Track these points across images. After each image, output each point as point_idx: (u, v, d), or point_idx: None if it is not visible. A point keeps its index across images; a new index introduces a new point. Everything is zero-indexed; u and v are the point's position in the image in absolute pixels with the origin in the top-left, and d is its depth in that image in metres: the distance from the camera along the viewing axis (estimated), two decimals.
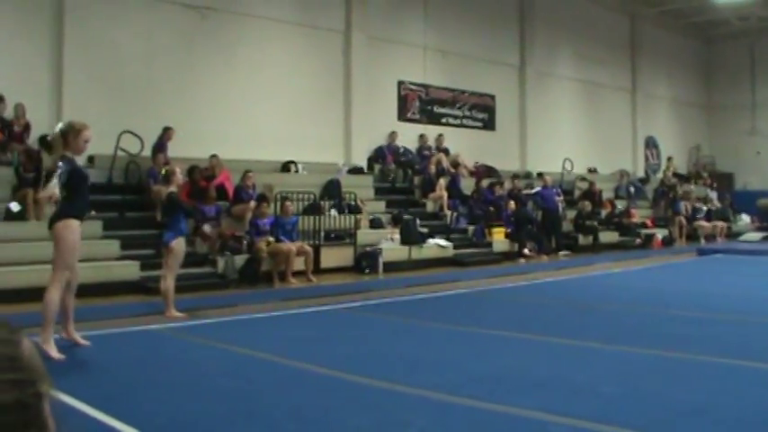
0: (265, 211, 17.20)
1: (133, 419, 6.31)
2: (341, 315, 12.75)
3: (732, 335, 10.48)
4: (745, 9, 32.99)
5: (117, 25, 18.51)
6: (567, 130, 31.07)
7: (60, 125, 9.57)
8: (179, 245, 11.96)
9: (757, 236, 30.39)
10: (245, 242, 17.10)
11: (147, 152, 17.93)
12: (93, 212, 16.18)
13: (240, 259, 16.56)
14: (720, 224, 31.56)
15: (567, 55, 31.39)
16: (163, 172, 13.65)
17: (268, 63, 21.47)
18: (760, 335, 10.50)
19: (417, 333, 11.02)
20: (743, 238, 30.55)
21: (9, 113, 16.60)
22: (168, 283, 11.97)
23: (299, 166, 21.29)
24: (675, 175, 34.55)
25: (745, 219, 34.35)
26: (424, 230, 20.85)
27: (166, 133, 18.33)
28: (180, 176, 12.77)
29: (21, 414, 1.16)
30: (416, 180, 24.08)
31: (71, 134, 9.17)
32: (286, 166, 21.20)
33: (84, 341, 9.38)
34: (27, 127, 16.68)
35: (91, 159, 17.70)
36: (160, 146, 18.15)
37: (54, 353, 8.62)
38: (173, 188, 12.31)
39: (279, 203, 17.86)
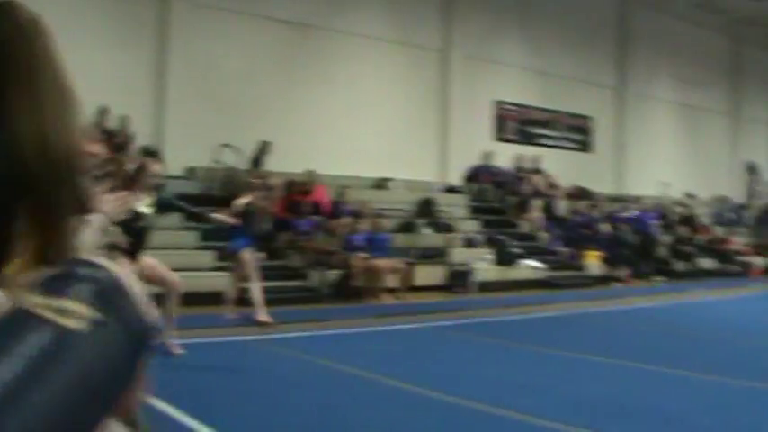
0: (360, 227, 17.30)
1: (218, 425, 6.42)
2: (432, 333, 12.75)
3: None
4: None
5: (220, 41, 18.86)
6: (664, 154, 30.61)
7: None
8: (247, 254, 12.16)
9: None
10: (338, 257, 17.22)
11: (246, 165, 18.18)
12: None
13: (333, 274, 16.68)
14: None
15: (666, 77, 30.95)
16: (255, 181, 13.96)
17: (366, 80, 21.63)
18: None
19: (509, 355, 10.97)
20: None
21: (113, 125, 16.96)
22: (255, 289, 12.17)
23: (395, 184, 21.37)
24: None
25: None
26: (518, 251, 20.74)
27: (264, 147, 18.58)
28: (262, 193, 13.10)
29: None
30: (511, 200, 23.96)
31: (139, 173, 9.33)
32: (381, 183, 21.30)
33: (179, 350, 9.53)
34: (130, 138, 17.02)
35: (192, 171, 18.08)
36: (258, 159, 18.41)
37: None
38: (249, 199, 12.51)
39: (373, 220, 17.97)
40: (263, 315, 12.14)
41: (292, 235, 17.19)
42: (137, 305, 1.20)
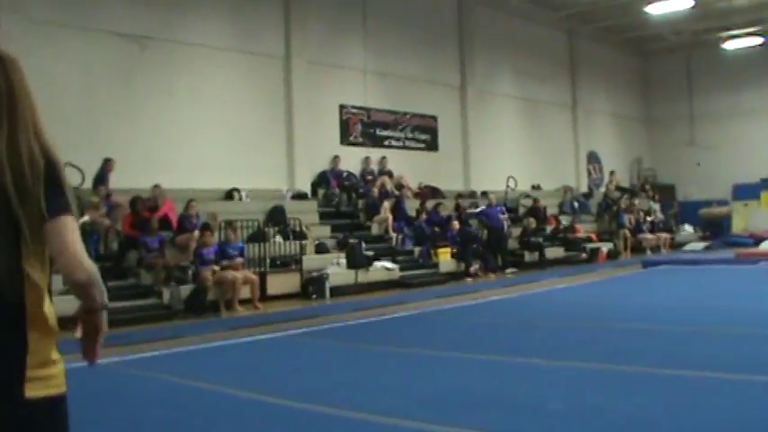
0: (209, 240, 17.08)
1: None
2: (288, 342, 12.71)
3: (675, 345, 10.58)
4: (678, 24, 33.51)
5: (55, 58, 18.31)
6: (509, 148, 31.25)
7: None
8: None
9: (700, 245, 30.84)
10: (189, 272, 16.98)
11: (89, 184, 17.76)
12: None
13: (185, 289, 16.43)
14: (664, 235, 31.91)
15: (507, 73, 31.61)
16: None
17: (208, 91, 21.37)
18: (703, 344, 10.62)
19: (364, 357, 11.02)
20: (687, 248, 30.96)
21: None
22: None
23: (243, 194, 21.19)
24: (618, 188, 34.87)
25: (688, 229, 34.80)
26: (370, 253, 20.79)
27: (107, 164, 18.16)
28: (101, 211, 13.30)
29: None
30: (361, 203, 24.03)
31: None
32: (230, 194, 21.10)
33: None
34: None
35: None
36: (101, 177, 18.00)
37: None
38: (87, 218, 12.58)
39: (223, 231, 17.78)
40: None
41: (141, 252, 16.87)
42: None
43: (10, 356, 2.52)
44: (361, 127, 25.71)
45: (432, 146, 28.22)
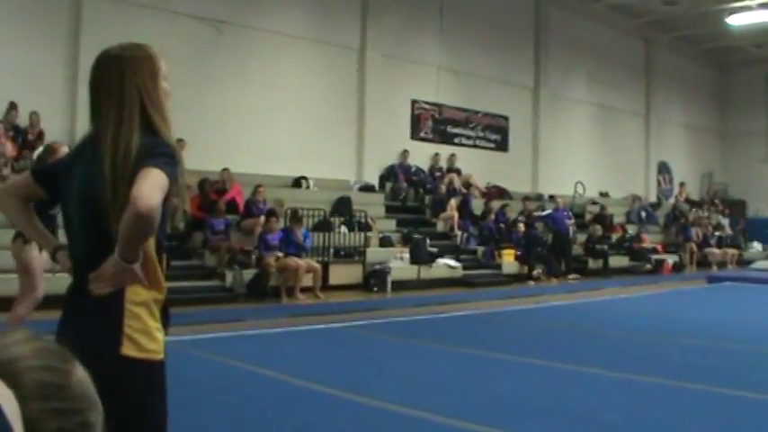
0: (274, 226, 17.19)
1: None
2: (348, 333, 12.73)
3: (737, 365, 10.41)
4: (760, 37, 32.93)
5: (132, 37, 18.10)
6: (579, 154, 31.02)
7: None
8: None
9: None
10: (253, 257, 17.11)
11: None
12: None
13: (248, 273, 16.56)
14: (731, 251, 31.46)
15: (581, 78, 31.35)
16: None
17: (282, 78, 21.52)
18: (765, 366, 10.44)
19: (423, 354, 10.99)
20: (754, 265, 30.45)
21: (23, 121, 16.69)
22: None
23: (311, 182, 21.30)
24: (687, 200, 34.47)
25: (757, 246, 34.24)
26: (434, 250, 20.81)
27: (178, 145, 18.31)
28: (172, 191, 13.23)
29: None
30: (427, 199, 24.05)
31: (47, 155, 9.12)
32: (297, 182, 21.22)
33: None
34: (40, 135, 16.73)
35: None
36: None
37: None
38: None
39: (288, 219, 17.89)
40: None
41: (207, 234, 17.03)
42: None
43: (111, 319, 2.96)
44: (432, 123, 25.70)
45: (502, 146, 28.12)
